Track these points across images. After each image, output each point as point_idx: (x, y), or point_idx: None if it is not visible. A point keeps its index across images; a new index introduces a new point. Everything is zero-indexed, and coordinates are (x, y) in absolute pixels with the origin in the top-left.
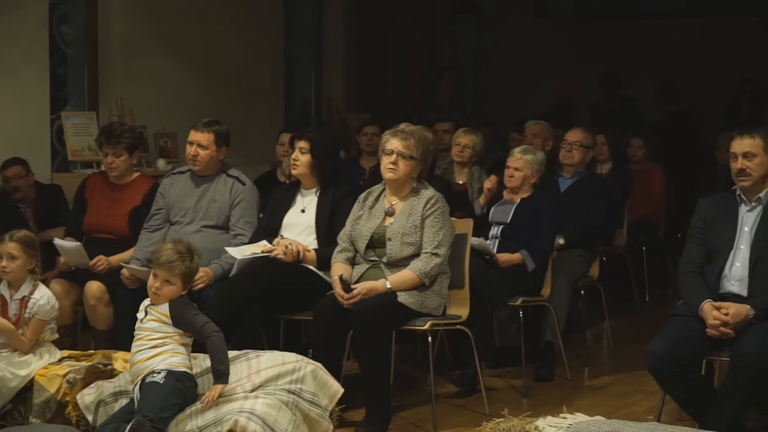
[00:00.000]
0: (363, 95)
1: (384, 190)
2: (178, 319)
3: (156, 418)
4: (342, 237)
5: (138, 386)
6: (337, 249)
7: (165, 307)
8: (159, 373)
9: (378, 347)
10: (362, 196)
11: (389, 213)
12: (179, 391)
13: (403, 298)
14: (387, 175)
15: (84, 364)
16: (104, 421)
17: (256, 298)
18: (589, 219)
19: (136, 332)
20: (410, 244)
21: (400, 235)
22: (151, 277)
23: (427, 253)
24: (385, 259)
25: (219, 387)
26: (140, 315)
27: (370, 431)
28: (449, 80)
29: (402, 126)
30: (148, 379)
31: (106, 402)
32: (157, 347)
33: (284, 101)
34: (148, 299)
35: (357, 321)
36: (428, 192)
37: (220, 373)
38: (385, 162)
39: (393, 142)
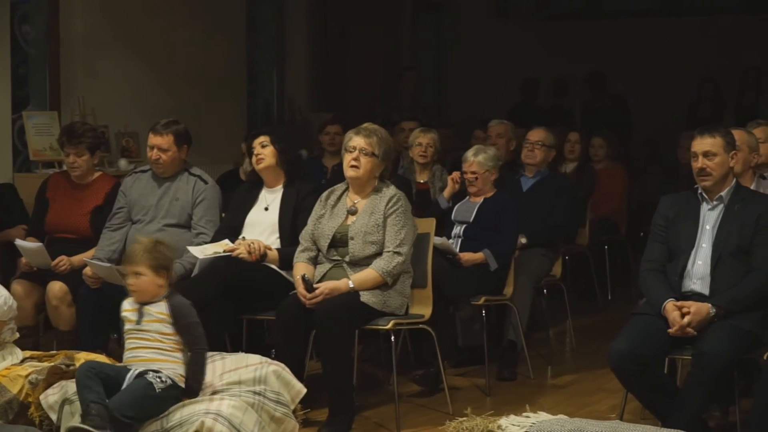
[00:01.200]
0: (325, 94)
1: (347, 189)
2: (177, 319)
3: (121, 416)
4: (304, 236)
5: (131, 374)
6: (299, 248)
7: (163, 306)
8: (160, 378)
9: (341, 347)
10: (324, 195)
11: (351, 212)
12: (162, 402)
13: (365, 297)
14: (349, 172)
15: (46, 364)
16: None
17: (218, 297)
18: (551, 218)
19: (130, 333)
20: (372, 243)
21: (362, 234)
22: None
23: (389, 251)
24: (347, 259)
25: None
26: (131, 316)
27: (334, 431)
28: (410, 80)
29: (365, 125)
30: (147, 376)
31: (71, 401)
32: (162, 350)
33: (246, 100)
34: (125, 302)
35: (320, 321)
36: (390, 191)
37: (192, 390)
38: (348, 159)
39: (356, 140)
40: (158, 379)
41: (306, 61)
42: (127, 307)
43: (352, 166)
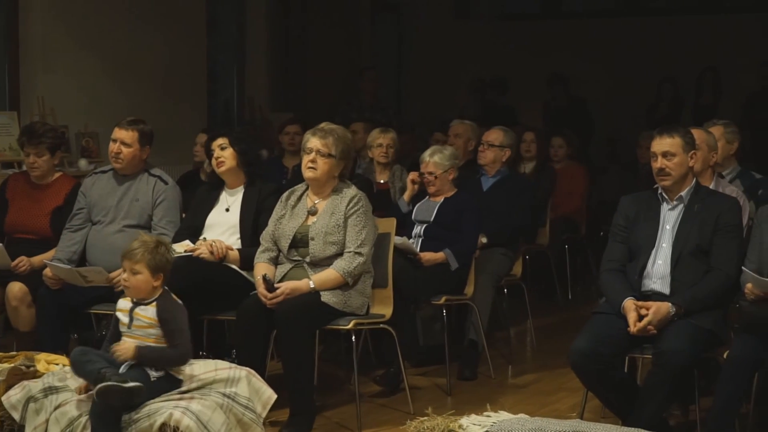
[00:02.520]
0: (286, 94)
1: (307, 189)
2: (164, 322)
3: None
4: (264, 237)
5: (124, 367)
6: (260, 249)
7: (152, 311)
8: (155, 368)
9: (302, 347)
10: (285, 195)
11: (312, 212)
12: (155, 392)
13: (326, 297)
14: (307, 174)
15: (6, 365)
16: (80, 351)
17: (178, 297)
18: (511, 218)
19: (124, 334)
20: (333, 244)
21: (323, 235)
22: (121, 272)
23: (350, 252)
24: (308, 259)
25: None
26: (124, 318)
27: (295, 431)
28: (370, 80)
29: (322, 125)
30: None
31: (35, 398)
32: None
33: (207, 101)
34: (123, 299)
35: (280, 321)
36: (351, 191)
37: (145, 374)
38: (305, 161)
39: (312, 141)
40: (153, 370)
41: (266, 62)
42: (121, 307)
43: (310, 168)
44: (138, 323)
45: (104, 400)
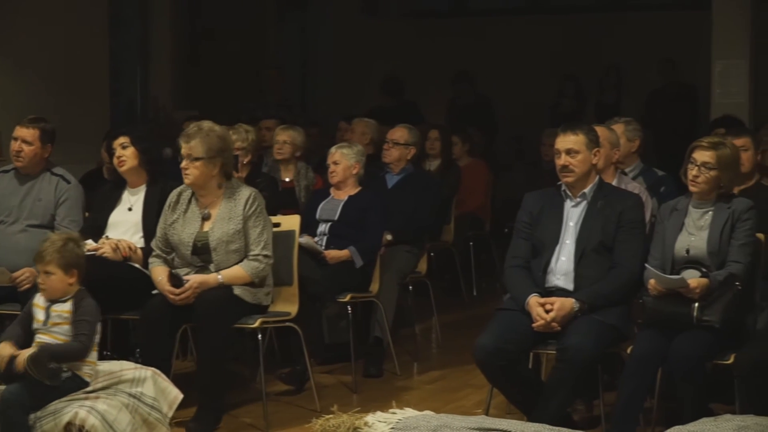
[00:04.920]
0: (191, 93)
1: (193, 192)
2: (75, 314)
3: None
4: (156, 244)
5: None
6: (153, 254)
7: (69, 305)
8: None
9: (220, 341)
10: (172, 197)
11: (205, 217)
12: (63, 393)
13: (238, 291)
14: (184, 180)
15: None
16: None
17: None
18: (416, 215)
19: (38, 331)
20: (236, 251)
21: (224, 244)
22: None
23: (257, 255)
24: (212, 267)
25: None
26: (40, 315)
27: (201, 427)
28: (276, 77)
29: (190, 127)
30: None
31: None
32: None
33: (110, 99)
34: (38, 295)
35: (200, 316)
36: (244, 191)
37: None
38: (182, 167)
39: (183, 147)
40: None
41: (171, 59)
42: (38, 303)
43: (185, 174)
44: (54, 320)
45: (35, 366)
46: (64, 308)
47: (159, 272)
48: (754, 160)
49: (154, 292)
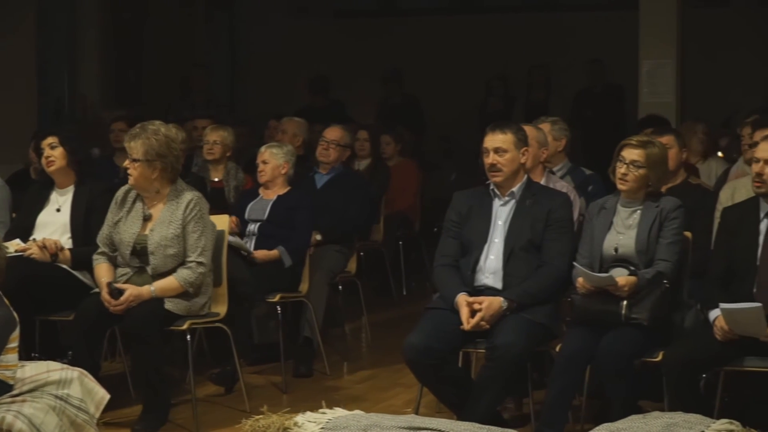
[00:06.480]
0: (120, 92)
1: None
2: None
3: None
4: (101, 240)
5: None
6: (98, 251)
7: None
8: None
9: (152, 350)
10: (119, 195)
11: (147, 218)
12: None
13: (170, 305)
14: (129, 181)
15: None
16: None
17: (9, 298)
18: (346, 214)
19: None
20: (173, 256)
21: (162, 248)
22: None
23: (192, 261)
24: (149, 271)
25: None
26: None
27: (145, 427)
28: (203, 77)
29: (133, 128)
30: None
31: None
32: None
33: (38, 99)
34: None
35: (129, 327)
36: (187, 195)
37: None
38: (125, 166)
39: (126, 146)
40: None
41: (99, 59)
42: None
43: (129, 175)
44: None
45: None
46: None
47: (100, 272)
48: (679, 158)
49: (93, 292)
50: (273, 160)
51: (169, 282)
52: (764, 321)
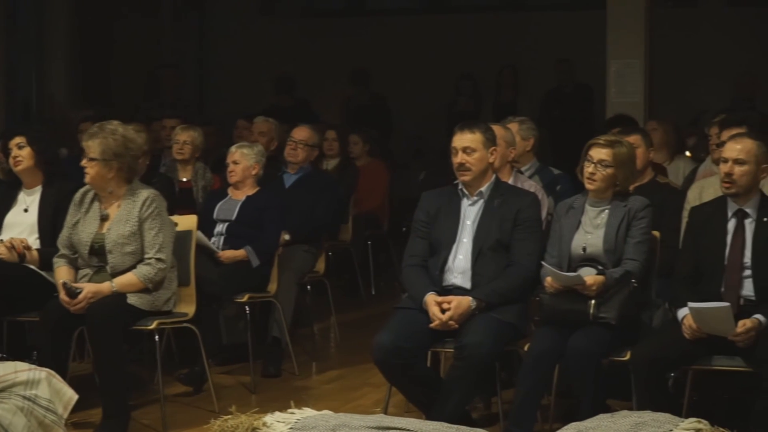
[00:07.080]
0: (88, 92)
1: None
2: None
3: None
4: (61, 242)
5: None
6: (57, 254)
7: None
8: None
9: (112, 349)
10: (77, 197)
11: (104, 217)
12: None
13: (132, 300)
14: (85, 180)
15: None
16: None
17: None
18: (314, 214)
19: None
20: (131, 254)
21: (120, 246)
22: None
23: (150, 258)
24: (109, 269)
25: None
26: None
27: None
28: (171, 77)
29: (94, 126)
30: None
31: None
32: None
33: (5, 98)
34: None
35: (90, 324)
36: (143, 193)
37: None
38: (82, 164)
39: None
40: None
41: (66, 58)
42: None
43: (86, 173)
44: None
45: None
46: None
47: (60, 274)
48: (646, 157)
49: (56, 294)
50: (244, 160)
51: (129, 278)
52: (732, 320)
